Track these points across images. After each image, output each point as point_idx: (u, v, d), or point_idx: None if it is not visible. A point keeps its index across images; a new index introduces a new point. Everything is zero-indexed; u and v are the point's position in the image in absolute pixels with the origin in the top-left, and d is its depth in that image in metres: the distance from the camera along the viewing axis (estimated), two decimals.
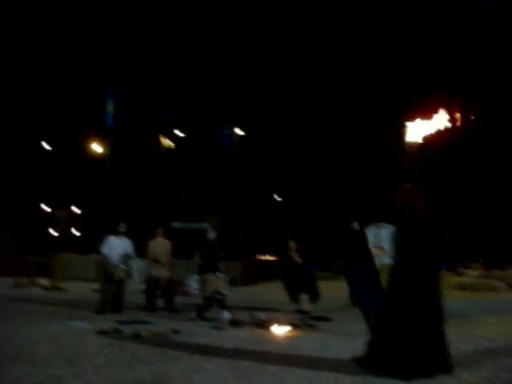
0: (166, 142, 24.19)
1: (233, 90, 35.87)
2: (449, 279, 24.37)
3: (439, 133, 6.92)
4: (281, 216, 35.27)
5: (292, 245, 12.64)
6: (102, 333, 8.42)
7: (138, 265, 16.93)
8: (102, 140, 28.71)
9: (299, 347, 7.52)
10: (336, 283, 19.18)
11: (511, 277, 24.51)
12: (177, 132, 25.68)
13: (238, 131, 30.58)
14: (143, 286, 13.05)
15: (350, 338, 8.22)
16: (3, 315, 10.51)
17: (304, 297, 11.99)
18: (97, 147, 30.51)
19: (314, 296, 12.19)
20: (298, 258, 12.52)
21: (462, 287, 20.89)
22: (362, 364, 6.01)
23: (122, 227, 11.72)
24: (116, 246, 11.51)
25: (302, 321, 10.12)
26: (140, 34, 37.29)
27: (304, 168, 38.60)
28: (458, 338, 8.35)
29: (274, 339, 8.38)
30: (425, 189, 6.34)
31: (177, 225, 22.38)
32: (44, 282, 19.02)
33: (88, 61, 36.41)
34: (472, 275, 26.96)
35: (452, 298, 16.66)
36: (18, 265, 19.50)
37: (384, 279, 15.47)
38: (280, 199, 42.88)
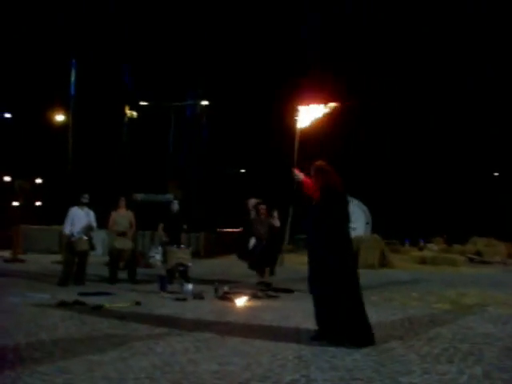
0: (129, 112, 23.88)
1: (199, 61, 35.57)
2: (411, 253, 24.79)
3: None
4: (243, 187, 35.30)
5: (262, 208, 12.09)
6: (63, 304, 8.35)
7: (100, 236, 16.80)
8: (65, 109, 28.23)
9: (261, 318, 7.55)
10: (298, 256, 19.33)
11: (470, 251, 25.05)
12: (141, 102, 25.39)
13: (204, 102, 30.32)
14: (106, 258, 12.97)
15: (311, 309, 8.29)
16: None
17: (267, 269, 11.99)
18: (59, 116, 30.01)
19: (273, 268, 12.14)
20: (276, 222, 12.08)
21: (423, 261, 21.23)
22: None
23: (85, 198, 11.56)
24: (79, 217, 11.37)
25: (265, 292, 10.16)
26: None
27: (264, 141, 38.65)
28: (418, 311, 8.52)
29: (236, 311, 8.41)
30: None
31: (139, 196, 22.19)
32: (4, 253, 18.74)
33: (50, 29, 35.62)
34: (433, 250, 27.41)
35: (413, 271, 17.01)
36: None
37: None
38: (243, 170, 42.93)
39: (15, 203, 24.38)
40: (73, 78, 25.33)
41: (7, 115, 35.80)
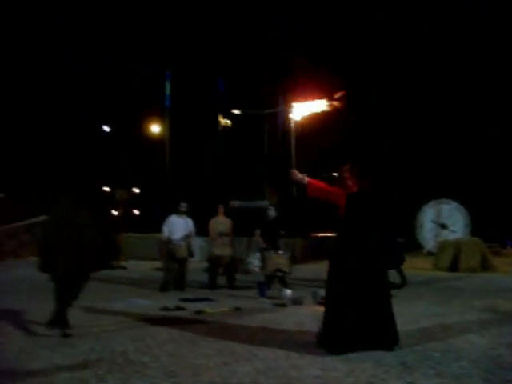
0: (224, 120, 24.26)
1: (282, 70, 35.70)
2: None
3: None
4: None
5: None
6: (165, 310, 8.57)
7: (199, 243, 17.11)
8: (161, 120, 29.03)
9: None
10: None
11: None
12: (234, 110, 25.74)
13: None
14: (204, 264, 13.19)
15: (410, 313, 8.12)
16: None
17: None
18: (155, 128, 30.91)
19: None
20: None
21: None
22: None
23: (183, 206, 11.83)
24: (178, 225, 11.63)
25: None
26: (193, 13, 37.37)
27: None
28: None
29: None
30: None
31: (236, 203, 22.49)
32: None
33: (145, 42, 36.70)
34: None
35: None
36: None
37: (447, 254, 15.13)
38: (336, 174, 42.51)
39: (115, 212, 25.27)
40: (168, 90, 26.02)
41: (106, 128, 37.22)
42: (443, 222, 24.56)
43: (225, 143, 26.87)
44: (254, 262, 11.15)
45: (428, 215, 25.22)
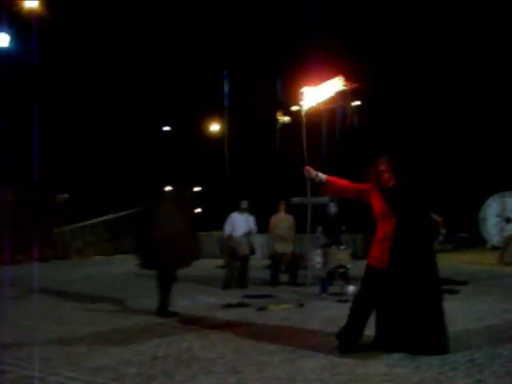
0: (282, 118, 24.22)
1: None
2: None
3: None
4: None
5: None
6: (229, 306, 8.66)
7: (260, 240, 17.18)
8: (220, 119, 29.28)
9: None
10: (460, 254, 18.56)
11: None
12: (292, 107, 25.68)
13: (355, 103, 30.07)
14: (266, 262, 13.25)
15: (478, 309, 7.95)
16: (132, 291, 11.04)
17: None
18: (214, 126, 31.21)
19: None
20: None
21: None
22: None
23: (244, 204, 11.89)
24: (239, 223, 11.70)
25: None
26: (249, 12, 37.48)
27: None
28: None
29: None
30: None
31: (296, 199, 22.42)
32: None
33: (203, 42, 37.03)
34: None
35: None
36: None
37: None
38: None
39: None
40: (226, 89, 26.20)
41: (166, 128, 37.83)
42: (508, 215, 23.86)
43: (284, 140, 26.85)
44: (316, 258, 11.09)
45: (492, 209, 24.54)
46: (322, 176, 6.02)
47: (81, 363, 5.37)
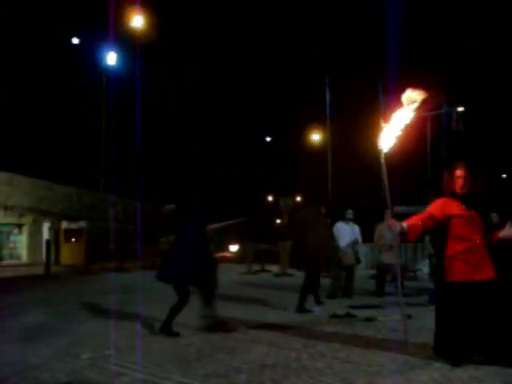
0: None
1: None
2: None
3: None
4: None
5: None
6: (335, 317, 8.61)
7: (364, 250, 16.99)
8: (322, 128, 29.25)
9: None
10: None
11: None
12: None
13: (459, 108, 29.19)
14: (370, 271, 13.07)
15: None
16: (239, 300, 11.17)
17: None
18: (316, 136, 31.22)
19: None
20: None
21: None
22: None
23: (350, 214, 11.80)
24: (345, 233, 11.61)
25: None
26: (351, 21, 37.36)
27: None
28: None
29: None
30: None
31: (401, 209, 22.04)
32: (273, 268, 19.88)
33: (306, 51, 37.30)
34: None
35: None
36: (250, 252, 20.48)
37: None
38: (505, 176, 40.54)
39: (279, 220, 25.74)
40: (328, 98, 26.15)
41: (268, 138, 38.31)
42: None
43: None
44: (423, 268, 10.84)
45: None
46: (404, 225, 5.77)
47: (192, 369, 5.50)
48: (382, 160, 6.10)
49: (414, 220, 5.76)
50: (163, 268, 7.54)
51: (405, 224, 5.73)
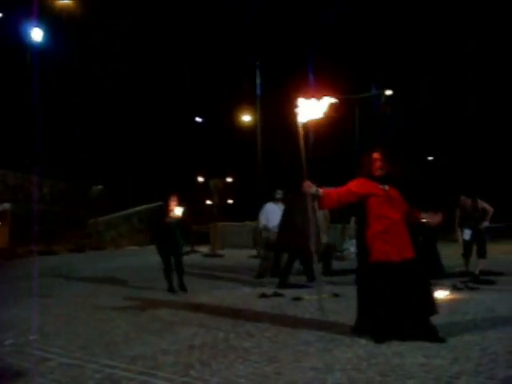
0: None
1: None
2: None
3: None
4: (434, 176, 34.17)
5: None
6: (264, 296, 8.67)
7: None
8: (252, 110, 29.20)
9: (463, 311, 7.24)
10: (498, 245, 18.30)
11: None
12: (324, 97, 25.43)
13: (387, 92, 29.63)
14: None
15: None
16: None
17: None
18: (246, 117, 31.15)
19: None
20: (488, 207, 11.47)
21: None
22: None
23: (279, 194, 11.82)
24: (274, 213, 11.64)
25: (465, 283, 9.70)
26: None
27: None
28: None
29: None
30: None
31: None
32: (203, 249, 19.88)
33: (236, 33, 37.18)
34: None
35: None
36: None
37: None
38: (431, 158, 41.71)
39: (210, 202, 25.74)
40: (258, 80, 26.08)
41: (198, 119, 38.02)
42: None
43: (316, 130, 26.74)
44: (351, 248, 11.02)
45: None
46: (320, 190, 5.83)
47: (119, 351, 5.43)
48: (300, 130, 6.33)
49: (331, 190, 5.89)
50: None
51: (321, 190, 5.83)
